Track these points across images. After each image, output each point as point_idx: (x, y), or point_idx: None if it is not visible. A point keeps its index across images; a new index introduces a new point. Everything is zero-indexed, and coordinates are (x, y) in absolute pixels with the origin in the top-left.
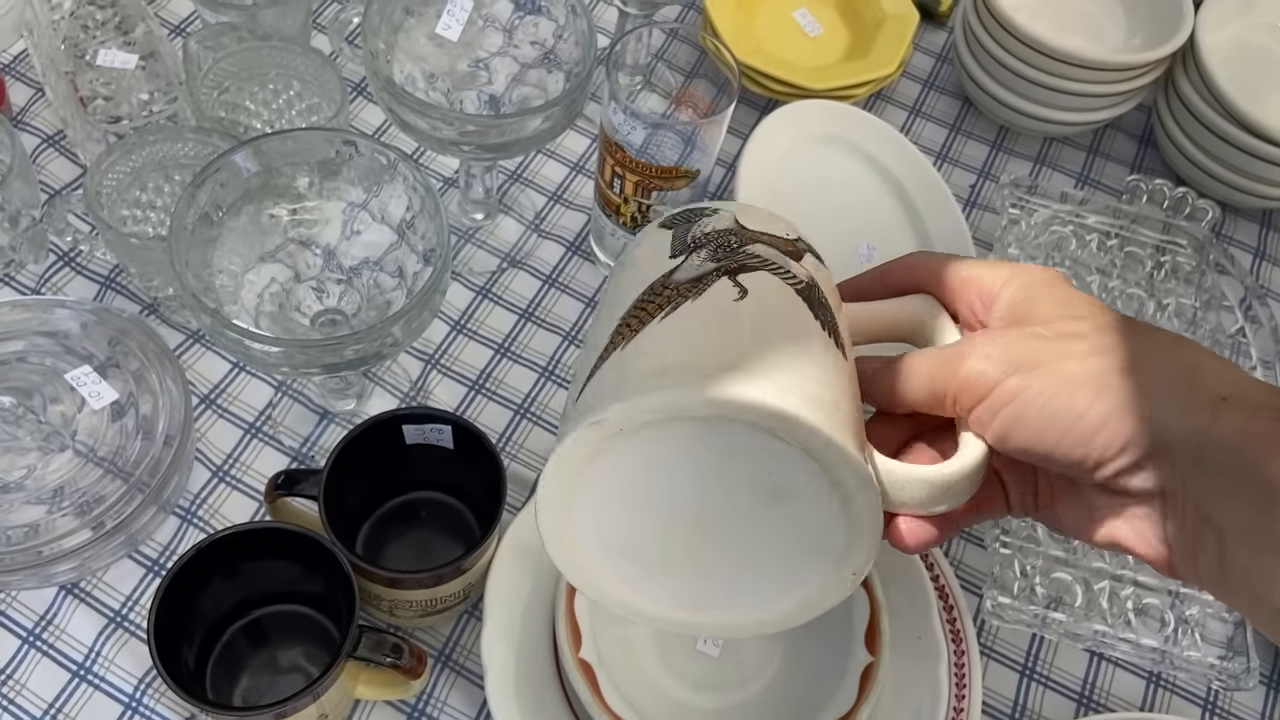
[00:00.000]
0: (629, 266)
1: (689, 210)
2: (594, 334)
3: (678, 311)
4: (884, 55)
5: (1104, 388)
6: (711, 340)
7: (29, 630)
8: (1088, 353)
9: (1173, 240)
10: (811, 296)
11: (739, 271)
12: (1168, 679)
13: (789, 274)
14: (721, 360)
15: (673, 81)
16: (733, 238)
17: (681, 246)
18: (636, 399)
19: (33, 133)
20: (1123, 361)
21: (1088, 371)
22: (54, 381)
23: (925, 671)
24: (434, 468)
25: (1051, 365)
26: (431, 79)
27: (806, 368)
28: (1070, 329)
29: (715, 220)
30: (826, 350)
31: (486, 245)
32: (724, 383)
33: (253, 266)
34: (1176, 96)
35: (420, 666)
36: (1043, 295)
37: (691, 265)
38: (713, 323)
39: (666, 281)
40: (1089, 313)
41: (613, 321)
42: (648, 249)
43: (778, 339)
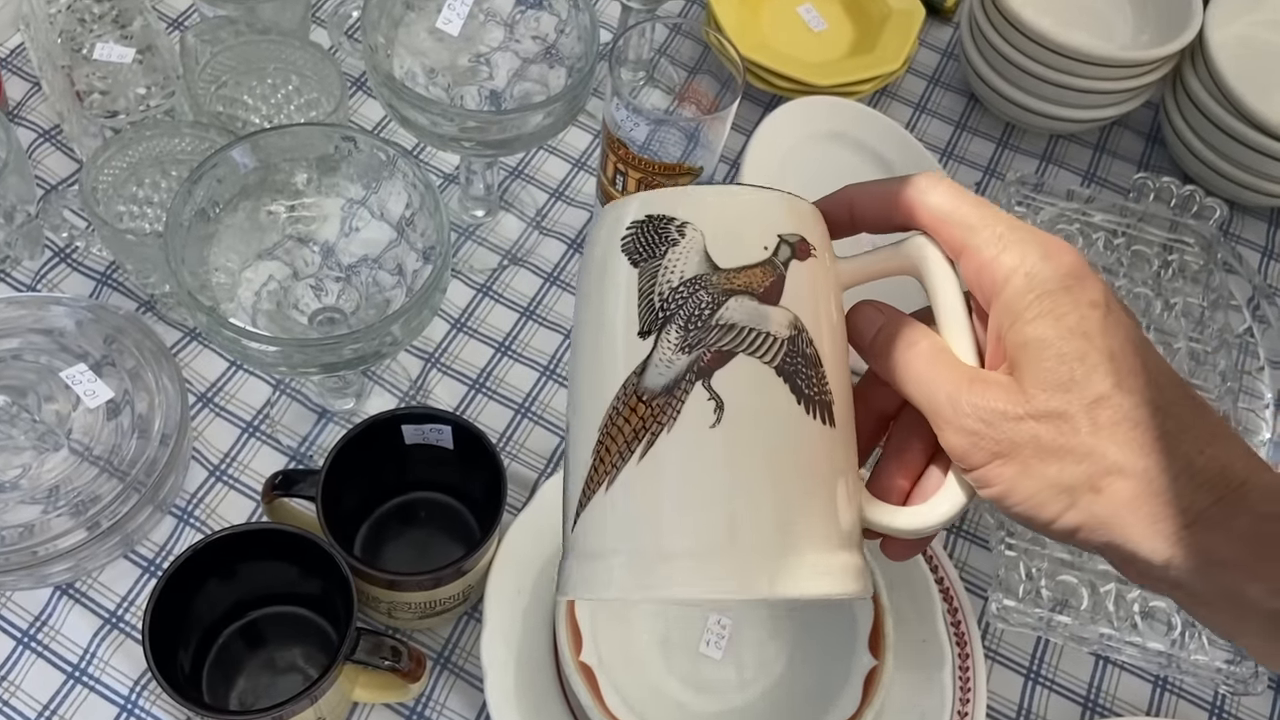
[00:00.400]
0: (594, 313)
1: (653, 225)
2: (574, 406)
3: (655, 450)
4: (889, 51)
5: (1074, 505)
6: (694, 502)
7: (23, 631)
8: (1076, 458)
9: (1180, 239)
10: (792, 364)
11: (714, 367)
12: (1174, 683)
13: (766, 346)
14: (709, 540)
15: (676, 77)
16: (704, 295)
17: (650, 316)
18: (630, 590)
19: (29, 127)
20: (1112, 467)
21: (1066, 480)
22: (49, 380)
23: (930, 675)
24: (433, 468)
25: (1034, 465)
26: (432, 74)
27: (794, 507)
28: (1068, 406)
29: (683, 257)
30: (815, 445)
31: (487, 242)
32: (714, 573)
33: (250, 264)
34: (1185, 93)
35: (419, 670)
36: (1053, 338)
37: (663, 359)
38: (692, 472)
39: (639, 388)
40: (1103, 379)
41: (591, 413)
42: (613, 294)
43: (761, 479)
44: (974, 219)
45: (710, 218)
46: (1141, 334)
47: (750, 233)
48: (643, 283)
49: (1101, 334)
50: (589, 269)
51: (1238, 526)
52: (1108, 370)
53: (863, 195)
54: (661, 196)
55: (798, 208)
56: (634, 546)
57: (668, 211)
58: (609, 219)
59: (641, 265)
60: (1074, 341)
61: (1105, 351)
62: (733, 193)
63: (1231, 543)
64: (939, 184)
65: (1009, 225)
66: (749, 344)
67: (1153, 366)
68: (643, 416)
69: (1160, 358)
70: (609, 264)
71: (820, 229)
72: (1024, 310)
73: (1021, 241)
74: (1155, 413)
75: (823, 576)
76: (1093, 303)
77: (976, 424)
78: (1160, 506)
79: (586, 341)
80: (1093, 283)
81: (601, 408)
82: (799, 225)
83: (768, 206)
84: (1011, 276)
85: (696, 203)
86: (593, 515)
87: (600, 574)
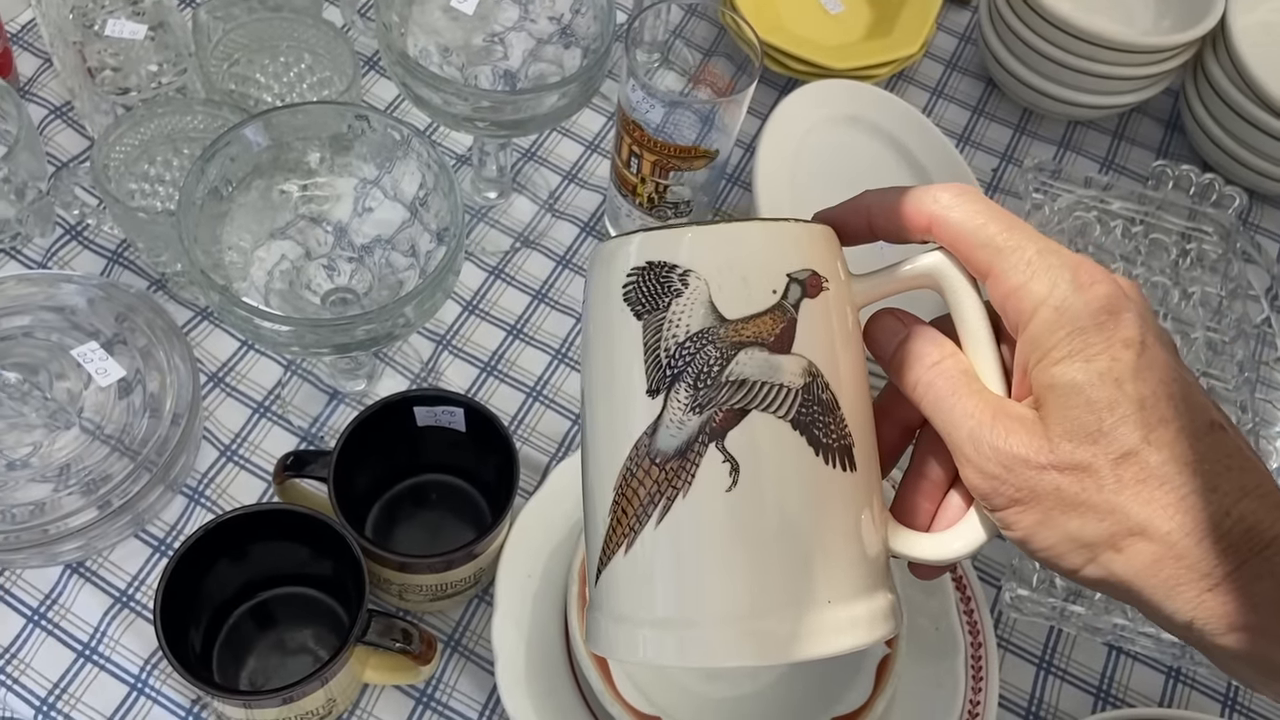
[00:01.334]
0: (602, 366)
1: (654, 274)
2: (589, 458)
3: (671, 515)
4: (907, 34)
5: (1094, 560)
6: (715, 569)
7: (34, 609)
8: (1098, 515)
9: (1199, 227)
10: (808, 414)
11: (727, 427)
12: (1188, 674)
13: (780, 399)
14: (732, 608)
15: (691, 59)
16: (712, 350)
17: (659, 374)
18: (658, 658)
19: (40, 103)
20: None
21: (1087, 536)
22: (60, 358)
23: (942, 664)
24: (445, 450)
25: (1055, 516)
26: (446, 53)
27: (816, 565)
28: (1093, 460)
29: (688, 309)
30: (837, 495)
31: (499, 225)
32: (738, 641)
33: (263, 243)
34: (1205, 80)
35: (430, 652)
36: (1083, 383)
37: (674, 419)
38: (711, 539)
39: (652, 450)
40: (1131, 431)
41: (607, 470)
42: (619, 348)
43: (781, 542)
44: (1001, 240)
45: (713, 264)
46: (1176, 369)
47: (756, 276)
48: (648, 337)
49: (1134, 378)
50: (593, 316)
51: (1261, 591)
52: (1137, 422)
53: (881, 205)
54: (661, 241)
55: (806, 236)
56: (658, 617)
57: (669, 258)
58: (607, 259)
59: (645, 318)
60: (1104, 389)
61: (1136, 400)
62: (735, 233)
63: (1255, 608)
64: (963, 199)
65: (1039, 249)
66: (762, 399)
67: (1184, 412)
68: (657, 480)
69: (1195, 395)
70: (612, 316)
71: (832, 251)
72: (1053, 348)
73: (1051, 269)
74: (1182, 469)
75: (846, 632)
76: (1126, 342)
77: (997, 468)
78: (1181, 570)
79: (597, 395)
80: (1127, 317)
81: (616, 466)
82: (808, 257)
83: (774, 244)
84: (1040, 308)
85: (698, 248)
86: (615, 576)
87: (628, 639)
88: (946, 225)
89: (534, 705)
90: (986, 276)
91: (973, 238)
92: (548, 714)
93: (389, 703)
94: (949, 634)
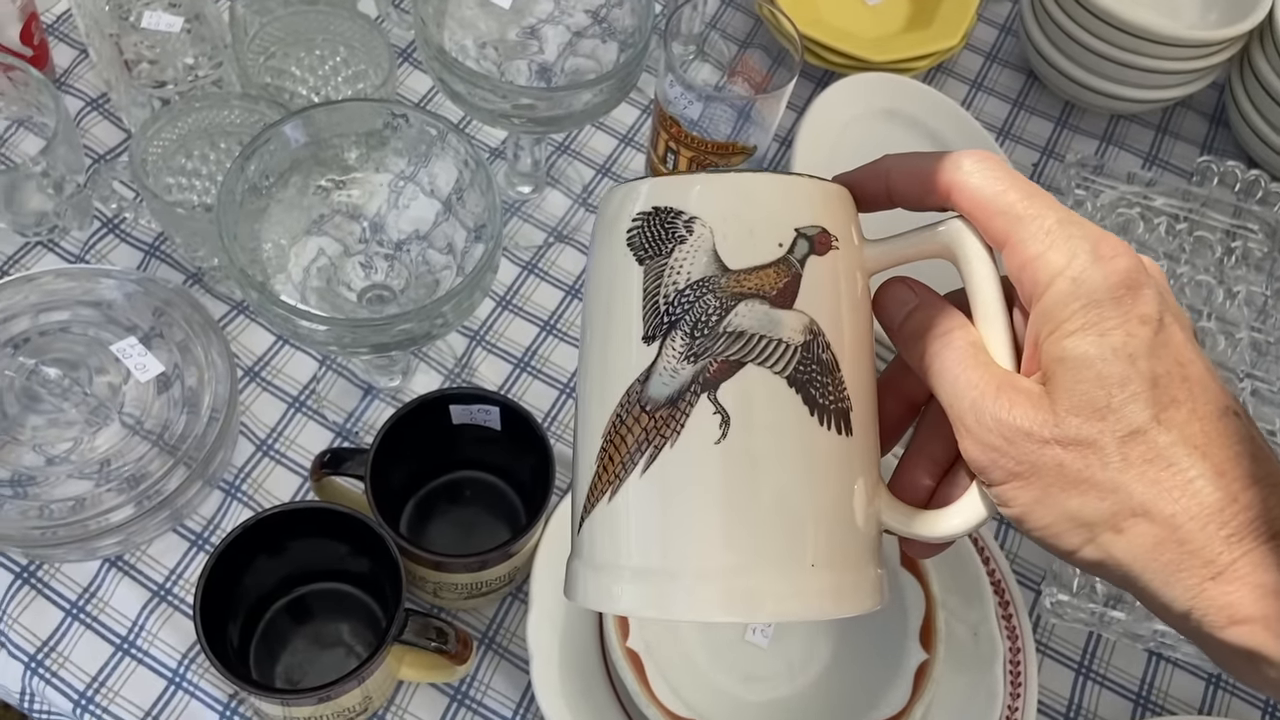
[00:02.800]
0: (600, 310)
1: (659, 219)
2: (581, 402)
3: (658, 465)
4: (947, 26)
5: (1093, 541)
6: (699, 523)
7: (72, 603)
8: (1100, 494)
9: (1244, 225)
10: (805, 373)
11: (721, 379)
12: (1229, 681)
13: (778, 355)
14: (713, 563)
15: (727, 52)
16: (712, 300)
17: (655, 320)
18: (636, 609)
19: (76, 95)
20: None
21: (1087, 515)
22: (99, 353)
23: (981, 669)
24: (480, 448)
25: (1055, 493)
26: (482, 47)
27: (803, 527)
28: (1099, 436)
29: (690, 256)
30: (829, 459)
31: (533, 219)
32: (717, 597)
33: (299, 239)
34: (1253, 75)
35: (466, 651)
36: (1095, 357)
37: (667, 367)
38: (696, 492)
39: (643, 398)
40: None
41: (596, 416)
42: (618, 292)
43: (768, 500)
44: (1021, 209)
45: (720, 212)
46: (1192, 351)
47: (763, 228)
48: (648, 283)
49: (1148, 356)
50: (596, 259)
51: (1267, 583)
52: (1148, 400)
53: (901, 170)
54: (670, 186)
55: (818, 193)
56: (637, 565)
57: (675, 204)
58: (616, 202)
59: (647, 263)
60: (1117, 364)
61: (1149, 378)
62: (745, 183)
63: (1258, 600)
64: (984, 165)
65: (1059, 219)
66: (758, 353)
67: (1198, 394)
68: (646, 428)
69: (1209, 380)
70: (615, 260)
71: (845, 212)
72: (1066, 320)
73: (1070, 239)
74: (1191, 452)
75: (827, 598)
76: (1143, 318)
77: (998, 440)
78: (1183, 556)
79: (594, 339)
80: (1146, 294)
81: (606, 412)
82: (819, 214)
83: (783, 197)
84: (1056, 280)
85: (706, 195)
86: (597, 524)
87: (606, 588)
88: (965, 191)
89: (569, 705)
90: (1004, 245)
91: (991, 205)
92: (583, 714)
93: (424, 700)
94: (988, 640)
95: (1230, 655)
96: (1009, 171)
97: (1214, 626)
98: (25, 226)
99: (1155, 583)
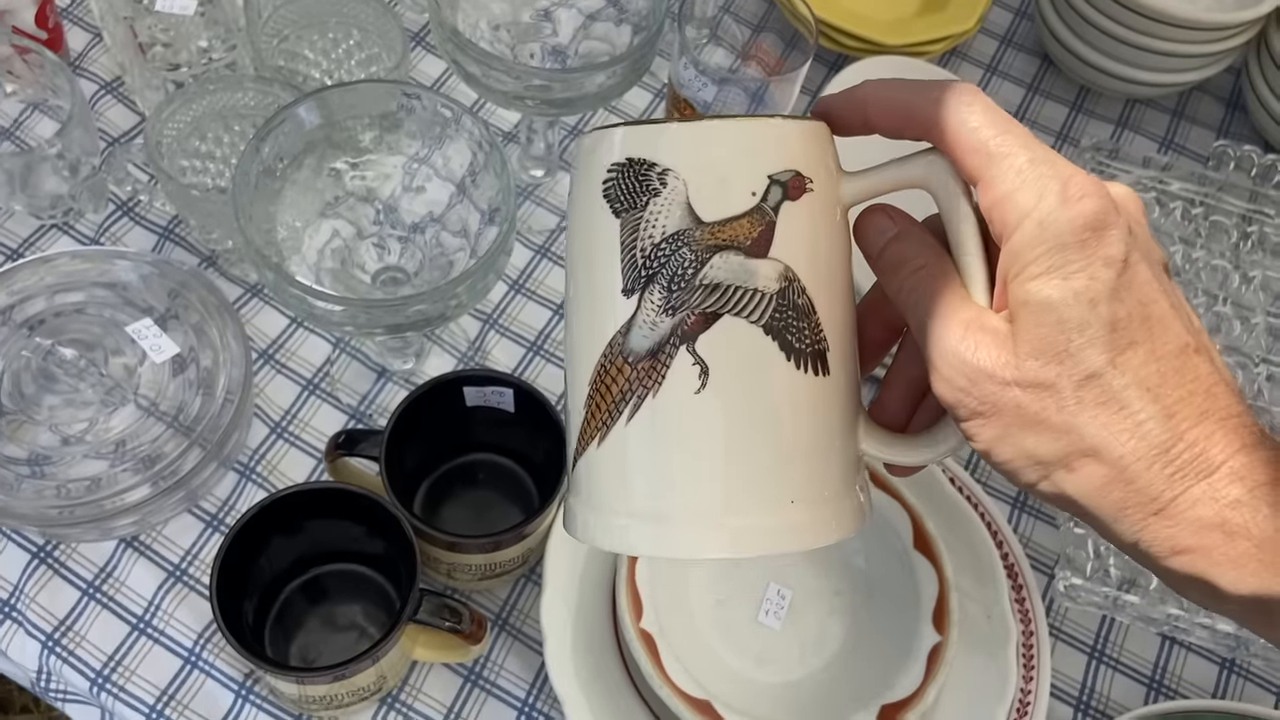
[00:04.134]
0: (582, 262)
1: (634, 170)
2: (569, 350)
3: (641, 413)
4: (962, 10)
5: (1048, 478)
6: (682, 467)
7: (89, 582)
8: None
9: (1260, 210)
10: (781, 319)
11: (698, 331)
12: (1242, 666)
13: (753, 304)
14: (698, 503)
15: (740, 35)
16: (687, 253)
17: (634, 274)
18: (634, 548)
19: (90, 79)
20: (1088, 449)
21: (1042, 454)
22: (115, 334)
23: (993, 652)
24: (494, 430)
25: (1014, 431)
26: (495, 29)
27: (781, 466)
28: (1056, 379)
29: (665, 210)
30: (806, 400)
31: (546, 203)
32: (705, 534)
33: (314, 222)
34: (1270, 58)
35: (480, 632)
36: (1056, 301)
37: (646, 320)
38: (678, 437)
39: (625, 349)
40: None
41: (583, 365)
42: (597, 244)
43: (746, 443)
44: (994, 146)
45: (692, 163)
46: (1159, 288)
47: (736, 178)
48: (625, 236)
49: (1109, 299)
50: (575, 209)
51: (1200, 516)
52: (1106, 344)
53: (879, 99)
54: (642, 136)
55: (792, 134)
56: (627, 508)
57: (648, 155)
58: (591, 151)
59: (624, 216)
60: (1077, 308)
61: (1108, 322)
62: (716, 131)
63: (1195, 533)
64: (963, 101)
65: (1030, 158)
66: (734, 304)
67: (1157, 334)
68: (629, 379)
69: (1171, 319)
70: (593, 211)
71: (820, 148)
72: (1031, 263)
73: (1040, 179)
74: (1143, 395)
75: (808, 531)
76: (1107, 260)
77: (963, 380)
78: (1129, 495)
79: (578, 289)
80: (1111, 235)
81: (591, 362)
82: (792, 156)
83: (754, 142)
84: (1024, 221)
85: (676, 145)
86: (589, 466)
87: (602, 526)
88: (940, 127)
89: (582, 686)
90: (977, 182)
91: (966, 141)
92: (596, 695)
93: (438, 680)
94: (1001, 622)
95: (1181, 583)
96: (986, 105)
97: (1159, 556)
98: (41, 209)
99: (1105, 518)
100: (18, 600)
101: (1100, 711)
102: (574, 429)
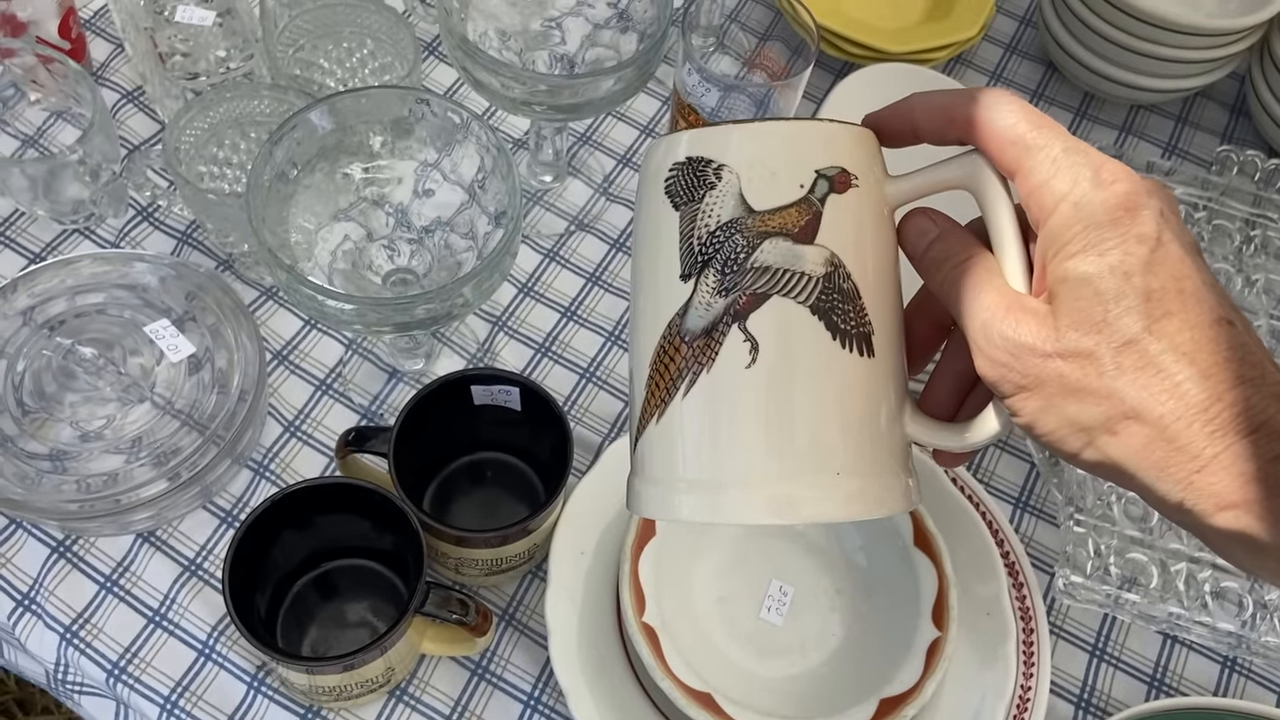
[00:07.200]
0: (646, 253)
1: (692, 168)
2: (632, 338)
3: (696, 388)
4: (966, 17)
5: (1092, 444)
6: (736, 437)
7: (106, 576)
8: (1096, 399)
9: (1264, 214)
10: (827, 301)
11: (750, 310)
12: (1243, 664)
13: (801, 286)
14: (752, 471)
15: (746, 44)
16: (740, 239)
17: (690, 260)
18: (692, 516)
19: (112, 88)
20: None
21: (1085, 420)
22: (133, 334)
23: (993, 649)
24: (501, 429)
25: (1057, 401)
26: (505, 38)
27: (830, 437)
28: (1096, 347)
29: (719, 201)
30: (852, 377)
31: (555, 208)
32: (759, 501)
33: (326, 225)
34: (1272, 63)
35: (486, 624)
36: (1093, 275)
37: (702, 302)
38: (732, 409)
39: (682, 330)
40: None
41: (645, 349)
42: (659, 236)
43: (796, 414)
44: (1031, 139)
45: (744, 159)
46: (1191, 266)
47: (785, 172)
48: (683, 226)
49: (1144, 272)
50: (641, 207)
51: (1246, 471)
52: (1141, 313)
53: (924, 106)
54: (703, 137)
55: (838, 136)
56: (686, 478)
57: (706, 153)
58: (659, 154)
59: (682, 209)
60: (1113, 281)
61: (1143, 292)
62: (769, 130)
63: (1240, 488)
64: (1001, 100)
65: (1065, 147)
66: (783, 285)
67: (1192, 306)
68: (685, 356)
69: (1206, 293)
70: (656, 207)
71: (866, 151)
72: (1068, 242)
73: (1074, 166)
74: (1180, 359)
75: (855, 500)
76: (1140, 237)
77: (1005, 356)
78: (1171, 453)
79: (642, 280)
80: (1144, 214)
81: (652, 345)
82: (839, 155)
83: (803, 142)
84: (1060, 204)
85: (731, 144)
86: (649, 443)
87: (663, 499)
88: (980, 124)
89: (586, 679)
90: (1015, 174)
91: (1004, 136)
92: (600, 688)
93: (445, 673)
94: (1000, 619)
95: (1225, 541)
96: (1022, 105)
97: (1204, 514)
98: (63, 214)
99: (1149, 478)
100: (37, 593)
101: (1101, 709)
102: (636, 412)
